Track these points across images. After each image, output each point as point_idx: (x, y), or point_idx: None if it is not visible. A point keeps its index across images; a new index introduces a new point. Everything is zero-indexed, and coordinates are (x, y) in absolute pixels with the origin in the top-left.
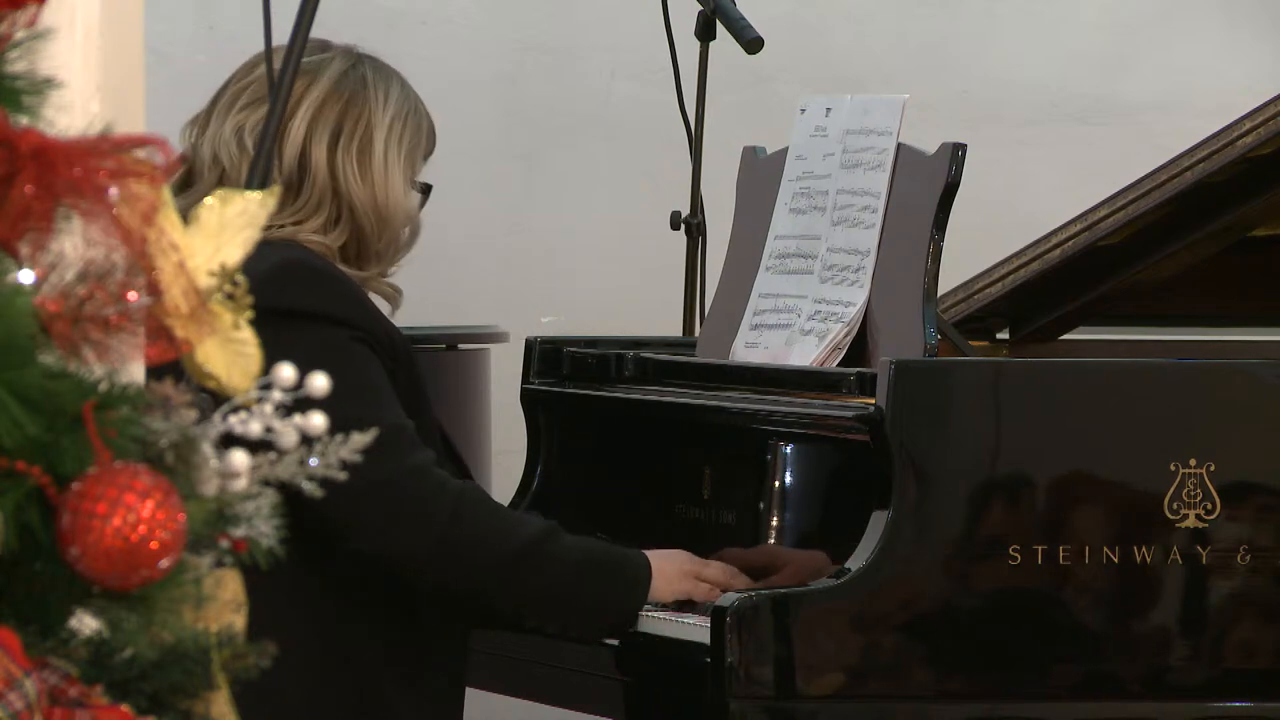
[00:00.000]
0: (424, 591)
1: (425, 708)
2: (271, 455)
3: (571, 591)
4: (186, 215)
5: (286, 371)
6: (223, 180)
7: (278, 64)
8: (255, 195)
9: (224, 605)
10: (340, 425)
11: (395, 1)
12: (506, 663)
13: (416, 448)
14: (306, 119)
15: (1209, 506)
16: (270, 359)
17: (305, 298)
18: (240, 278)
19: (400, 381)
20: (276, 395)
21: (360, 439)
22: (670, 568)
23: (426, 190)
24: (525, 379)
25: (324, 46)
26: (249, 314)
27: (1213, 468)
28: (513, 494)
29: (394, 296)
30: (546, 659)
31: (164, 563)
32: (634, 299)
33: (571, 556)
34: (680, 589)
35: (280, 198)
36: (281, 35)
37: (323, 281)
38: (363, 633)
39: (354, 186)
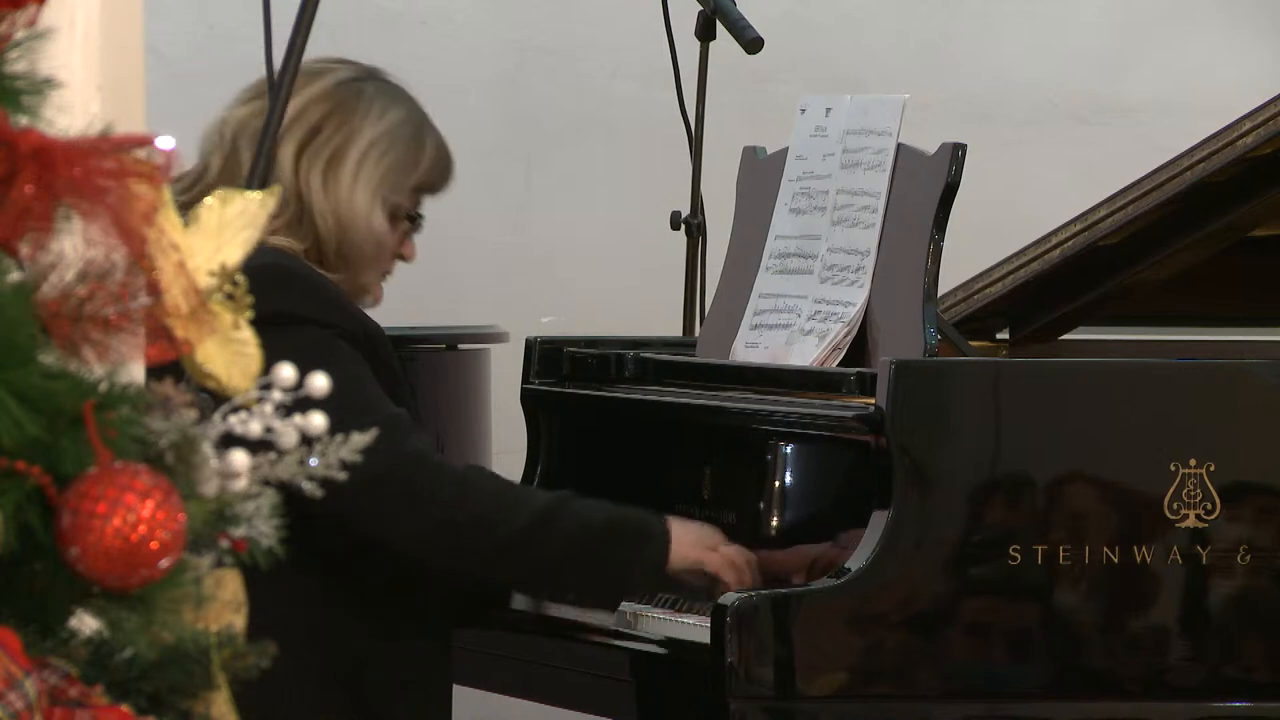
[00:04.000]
0: (438, 572)
1: (414, 711)
2: (271, 455)
3: (585, 559)
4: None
5: (286, 371)
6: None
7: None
8: (255, 195)
9: (224, 605)
10: (336, 424)
11: (395, 2)
12: (506, 663)
13: (413, 434)
14: (287, 118)
15: (1209, 506)
16: None
17: (283, 301)
18: (241, 278)
19: (381, 375)
20: (276, 395)
21: (360, 439)
22: (687, 536)
23: (414, 219)
24: (525, 379)
25: (347, 62)
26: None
27: (1213, 468)
28: None
29: (358, 298)
30: (546, 659)
31: (164, 563)
32: (634, 299)
33: (583, 524)
34: (695, 556)
35: None
36: (281, 35)
37: (296, 282)
38: (348, 637)
39: (315, 193)
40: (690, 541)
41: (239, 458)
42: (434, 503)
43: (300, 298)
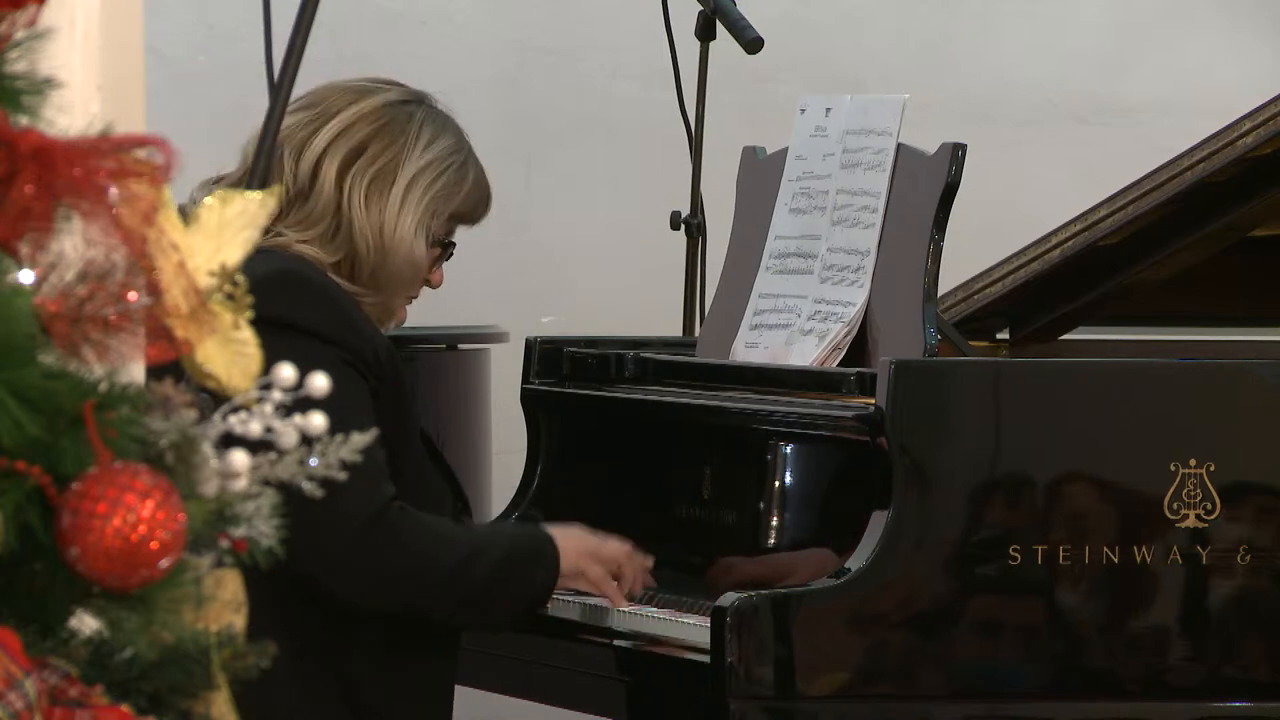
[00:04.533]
0: (363, 614)
1: (414, 713)
2: (271, 455)
3: (511, 586)
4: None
5: (286, 371)
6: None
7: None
8: (255, 195)
9: (224, 605)
10: None
11: (395, 2)
12: (506, 663)
13: (375, 481)
14: (333, 132)
15: (1209, 506)
16: None
17: (296, 310)
18: (240, 278)
19: (385, 397)
20: (276, 395)
21: (359, 439)
22: (569, 542)
23: (447, 247)
24: (525, 379)
25: (396, 84)
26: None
27: (1213, 468)
28: (513, 494)
29: (384, 319)
30: (546, 659)
31: (164, 563)
32: (634, 299)
33: (496, 561)
34: (575, 566)
35: (288, 202)
36: (281, 35)
37: (316, 295)
38: (347, 638)
39: (356, 210)
40: (574, 549)
41: (239, 458)
42: (367, 550)
43: (311, 310)
